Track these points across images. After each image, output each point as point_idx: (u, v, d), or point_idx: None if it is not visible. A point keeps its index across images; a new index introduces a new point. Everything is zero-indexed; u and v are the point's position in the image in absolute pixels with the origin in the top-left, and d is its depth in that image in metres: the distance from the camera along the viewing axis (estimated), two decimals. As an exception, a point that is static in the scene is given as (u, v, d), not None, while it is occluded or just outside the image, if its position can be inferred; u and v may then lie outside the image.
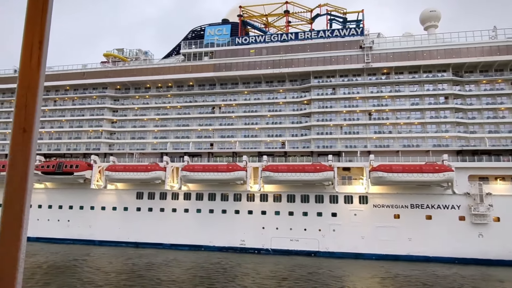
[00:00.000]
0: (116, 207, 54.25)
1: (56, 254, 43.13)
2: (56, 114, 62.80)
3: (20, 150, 1.53)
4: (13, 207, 1.51)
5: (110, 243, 52.60)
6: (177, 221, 51.58)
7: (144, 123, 59.73)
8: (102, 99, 61.51)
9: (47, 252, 44.33)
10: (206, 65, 56.68)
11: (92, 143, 59.87)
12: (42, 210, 56.23)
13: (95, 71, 61.56)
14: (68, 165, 53.23)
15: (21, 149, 1.53)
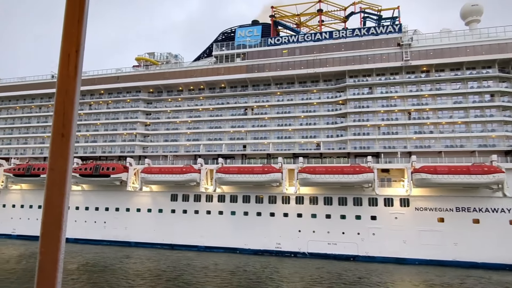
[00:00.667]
0: (151, 209, 54.68)
1: (98, 255, 43.70)
2: (91, 118, 64.17)
3: (59, 154, 1.58)
4: (53, 209, 1.55)
5: (146, 244, 53.05)
6: (212, 223, 51.41)
7: (177, 125, 60.07)
8: (136, 102, 62.36)
9: (91, 253, 45.01)
10: (239, 67, 56.42)
11: (127, 145, 60.73)
12: (80, 211, 57.38)
13: (128, 75, 62.52)
14: (105, 168, 54.10)
15: (60, 154, 1.58)
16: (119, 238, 54.56)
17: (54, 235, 1.56)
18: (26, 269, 34.79)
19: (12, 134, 67.66)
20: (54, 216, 1.57)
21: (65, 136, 1.60)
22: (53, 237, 1.56)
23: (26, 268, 35.80)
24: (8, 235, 59.87)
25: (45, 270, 1.54)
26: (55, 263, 1.55)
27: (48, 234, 1.56)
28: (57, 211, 1.57)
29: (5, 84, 70.42)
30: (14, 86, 69.30)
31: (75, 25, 1.64)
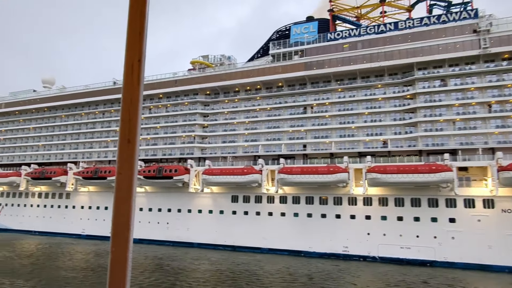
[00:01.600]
0: (212, 210, 54.83)
1: (167, 255, 44.29)
2: (151, 122, 65.94)
3: (126, 159, 1.67)
4: (122, 211, 1.64)
5: (208, 245, 53.20)
6: (274, 225, 50.37)
7: (234, 126, 59.86)
8: (193, 105, 63.11)
9: (162, 254, 45.82)
10: (297, 64, 54.99)
11: (186, 148, 61.57)
12: (143, 213, 58.99)
13: (186, 78, 63.47)
14: (167, 170, 55.12)
15: (126, 158, 1.67)
16: (181, 239, 55.29)
17: (123, 235, 1.63)
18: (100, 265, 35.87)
19: (79, 139, 71.40)
20: (123, 217, 1.64)
21: (131, 141, 1.68)
22: (122, 237, 1.63)
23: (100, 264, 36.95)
24: (78, 235, 63.05)
25: (116, 267, 1.62)
26: (125, 261, 1.63)
27: (118, 235, 1.63)
28: (126, 212, 1.65)
29: (71, 92, 74.59)
30: (79, 93, 73.19)
31: (137, 37, 1.71)
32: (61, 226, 65.15)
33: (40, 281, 29.49)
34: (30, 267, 35.11)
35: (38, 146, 75.58)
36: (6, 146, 78.85)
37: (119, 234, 1.65)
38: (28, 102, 78.51)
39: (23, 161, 75.31)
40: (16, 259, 40.06)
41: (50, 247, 49.99)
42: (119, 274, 1.63)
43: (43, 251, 46.97)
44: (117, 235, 1.65)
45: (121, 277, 1.63)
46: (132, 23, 1.74)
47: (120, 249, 1.65)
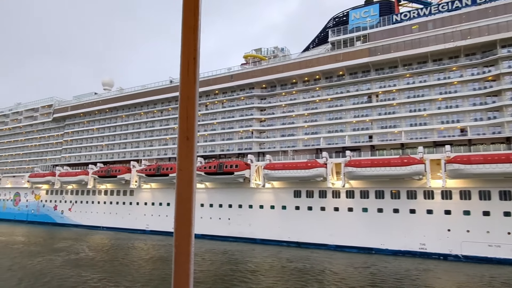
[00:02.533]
0: (274, 205, 53.58)
1: (240, 252, 43.74)
2: (208, 118, 66.04)
3: (185, 156, 1.72)
4: (184, 206, 1.70)
5: (271, 241, 52.08)
6: (341, 221, 48.01)
7: (293, 119, 58.02)
8: (250, 99, 62.16)
9: (232, 250, 45.46)
10: (359, 51, 51.80)
11: (244, 143, 60.84)
12: (204, 208, 59.24)
13: (241, 73, 62.63)
14: (228, 165, 54.70)
15: (186, 155, 1.72)
16: (244, 234, 54.70)
17: (185, 229, 1.69)
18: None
19: (139, 138, 73.58)
20: (185, 212, 1.69)
21: (189, 138, 1.73)
22: (185, 232, 1.69)
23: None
24: (143, 230, 64.95)
25: (180, 261, 1.68)
26: (188, 254, 1.69)
27: (181, 229, 1.69)
28: (187, 207, 1.70)
29: (130, 93, 76.98)
30: (138, 94, 75.31)
31: (191, 36, 1.76)
32: (126, 222, 67.57)
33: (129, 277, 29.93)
34: (116, 263, 36.07)
35: (102, 146, 79.13)
36: (73, 147, 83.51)
37: (181, 228, 1.68)
38: (91, 104, 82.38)
39: (89, 160, 79.27)
40: (98, 254, 41.53)
41: (122, 242, 51.63)
42: (183, 267, 1.68)
43: (119, 246, 48.53)
44: (180, 229, 1.69)
45: (185, 270, 1.68)
46: (186, 23, 1.77)
47: (183, 243, 1.68)
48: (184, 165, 1.71)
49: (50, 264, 33.23)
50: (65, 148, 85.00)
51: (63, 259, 35.84)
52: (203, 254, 41.98)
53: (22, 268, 31.28)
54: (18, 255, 38.29)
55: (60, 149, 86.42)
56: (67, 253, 40.07)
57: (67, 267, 31.99)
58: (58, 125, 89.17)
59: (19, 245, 46.91)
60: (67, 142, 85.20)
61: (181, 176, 1.71)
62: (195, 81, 1.76)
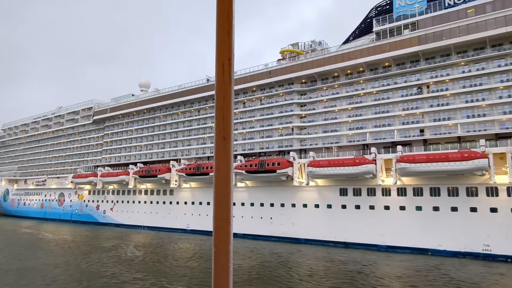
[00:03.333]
0: (318, 204, 51.59)
1: (289, 253, 42.24)
2: (246, 116, 64.94)
3: (223, 155, 1.74)
4: (222, 206, 1.72)
5: (316, 242, 50.18)
6: (392, 220, 45.30)
7: (336, 114, 55.73)
8: (289, 95, 60.42)
9: (271, 249, 44.09)
10: (408, 40, 48.74)
11: (284, 140, 59.21)
12: (245, 208, 58.16)
13: (279, 68, 60.93)
14: (270, 163, 53.26)
15: (223, 155, 1.74)
16: (287, 234, 53.11)
17: (224, 229, 1.71)
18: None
19: (177, 138, 73.71)
20: (223, 211, 1.71)
21: (226, 138, 1.75)
22: (224, 231, 1.70)
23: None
24: (184, 229, 64.84)
25: (220, 260, 1.70)
26: (227, 253, 1.71)
27: (220, 228, 1.70)
28: (225, 207, 1.71)
29: (167, 93, 77.30)
30: (174, 94, 75.47)
31: (226, 37, 1.78)
32: (166, 221, 67.78)
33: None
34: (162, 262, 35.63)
35: (141, 146, 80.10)
36: (113, 148, 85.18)
37: (220, 227, 1.70)
38: (129, 106, 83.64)
39: (128, 160, 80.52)
40: (147, 254, 41.38)
41: (165, 241, 51.51)
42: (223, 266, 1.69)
43: (164, 245, 48.38)
44: (219, 228, 1.70)
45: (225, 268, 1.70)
46: (220, 25, 1.78)
47: (223, 241, 1.70)
48: (222, 165, 1.73)
49: (103, 263, 33.14)
50: (105, 149, 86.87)
51: (115, 259, 35.76)
52: (250, 255, 40.76)
53: (78, 268, 31.30)
54: (71, 255, 38.71)
55: (100, 150, 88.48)
56: (116, 253, 40.13)
57: (120, 267, 31.73)
58: (98, 126, 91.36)
59: (69, 244, 47.77)
60: (107, 143, 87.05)
61: (219, 175, 1.73)
62: (230, 82, 1.77)
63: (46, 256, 38.06)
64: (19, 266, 31.91)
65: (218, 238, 1.72)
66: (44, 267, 31.59)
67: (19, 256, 37.54)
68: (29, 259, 35.34)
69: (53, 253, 39.71)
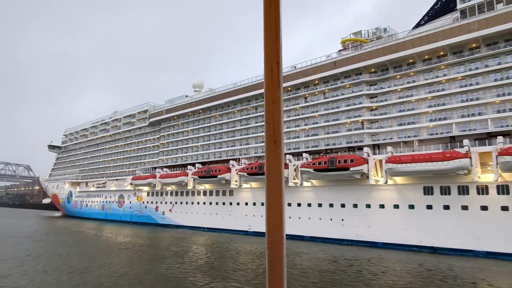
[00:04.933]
0: (398, 204, 46.58)
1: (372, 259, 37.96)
2: (308, 111, 61.21)
3: (273, 159, 1.73)
4: (274, 209, 1.71)
5: (397, 246, 45.20)
6: (492, 222, 39.29)
7: (413, 105, 50.32)
8: (357, 87, 55.82)
9: (347, 255, 39.96)
10: (503, 15, 42.36)
11: (353, 135, 54.69)
12: (312, 209, 54.47)
13: (346, 58, 56.47)
14: (341, 160, 49.11)
15: (274, 158, 1.73)
16: (362, 237, 48.59)
17: (277, 232, 1.70)
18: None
19: (234, 137, 71.62)
20: (276, 215, 1.70)
21: (276, 142, 1.73)
22: (277, 234, 1.70)
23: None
24: (245, 231, 62.35)
25: (274, 263, 1.70)
26: (281, 258, 1.70)
27: (273, 232, 1.70)
28: (278, 210, 1.70)
29: (222, 92, 75.58)
30: (229, 92, 73.51)
31: (274, 41, 1.77)
32: (227, 222, 65.77)
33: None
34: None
35: (197, 147, 79.13)
36: (170, 149, 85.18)
37: (273, 231, 1.70)
38: (184, 107, 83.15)
39: (185, 161, 79.88)
40: (223, 260, 39.11)
41: (232, 245, 49.17)
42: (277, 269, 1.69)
43: (233, 249, 46.04)
44: (272, 232, 1.70)
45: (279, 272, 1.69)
46: (268, 29, 1.78)
47: (276, 245, 1.69)
48: (273, 168, 1.73)
49: (183, 270, 31.06)
50: (162, 151, 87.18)
51: (194, 265, 33.65)
52: (327, 262, 36.91)
53: (159, 273, 29.40)
54: (145, 259, 37.30)
55: (157, 152, 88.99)
56: (191, 257, 38.19)
57: (202, 274, 29.41)
58: (154, 128, 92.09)
59: (141, 247, 46.87)
60: (164, 145, 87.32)
61: (270, 179, 1.72)
62: (279, 85, 1.76)
63: (128, 262, 36.95)
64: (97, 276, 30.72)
65: (272, 242, 1.70)
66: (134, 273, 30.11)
67: (97, 263, 36.72)
68: (111, 265, 34.25)
69: (131, 259, 38.56)
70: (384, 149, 49.70)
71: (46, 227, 79.39)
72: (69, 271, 29.63)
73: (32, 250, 41.21)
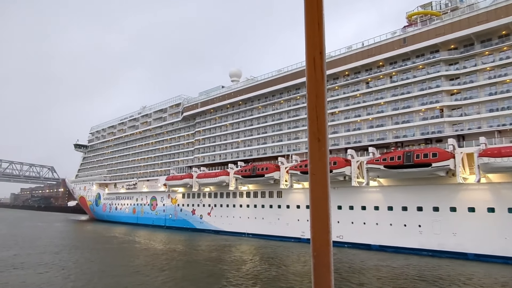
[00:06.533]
0: (493, 208, 40.93)
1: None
2: (371, 98, 56.23)
3: (318, 159, 1.70)
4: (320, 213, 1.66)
5: (492, 258, 39.61)
6: None
7: (508, 86, 44.28)
8: (433, 67, 50.28)
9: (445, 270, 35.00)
10: None
11: (430, 125, 49.25)
12: (380, 212, 49.74)
13: (419, 33, 50.83)
14: (420, 155, 43.96)
15: (318, 158, 1.70)
16: (446, 247, 43.39)
17: (323, 238, 1.65)
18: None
19: (281, 130, 67.67)
20: (321, 220, 1.66)
21: (321, 140, 1.70)
22: (323, 241, 1.64)
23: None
24: (298, 238, 58.38)
25: (320, 272, 1.64)
26: (328, 266, 1.65)
27: (318, 238, 1.65)
28: (323, 214, 1.65)
29: (265, 80, 71.58)
30: (275, 79, 69.43)
31: (316, 28, 1.72)
32: (275, 228, 62.03)
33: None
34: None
35: (237, 143, 75.89)
36: (206, 146, 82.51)
37: (319, 237, 1.65)
38: (222, 98, 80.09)
39: (224, 159, 76.88)
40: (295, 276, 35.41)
41: (289, 254, 45.33)
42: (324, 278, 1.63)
43: (293, 259, 42.23)
44: (317, 238, 1.65)
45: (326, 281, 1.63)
46: (309, 16, 1.72)
47: (322, 252, 1.64)
48: (317, 169, 1.68)
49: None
50: (198, 148, 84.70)
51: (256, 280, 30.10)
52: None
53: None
54: (208, 275, 34.21)
55: (192, 149, 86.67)
56: (250, 270, 34.72)
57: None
58: (188, 124, 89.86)
59: (194, 257, 44.06)
60: (199, 142, 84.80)
61: (315, 180, 1.67)
62: (323, 78, 1.71)
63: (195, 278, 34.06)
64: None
65: (317, 249, 1.64)
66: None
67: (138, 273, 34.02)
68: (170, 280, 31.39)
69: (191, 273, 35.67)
70: (471, 140, 44.12)
71: (78, 233, 79.05)
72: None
73: (77, 260, 39.28)
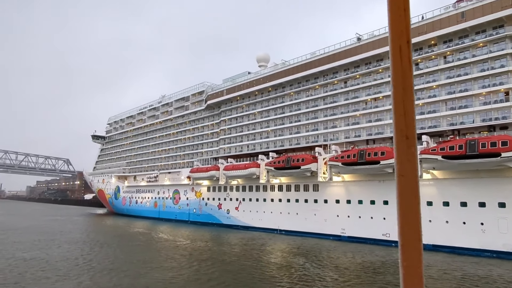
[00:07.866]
0: None
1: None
2: (421, 81, 52.40)
3: (406, 159, 1.61)
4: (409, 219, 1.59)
5: None
6: None
7: None
8: (497, 44, 46.19)
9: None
10: None
11: (493, 110, 45.41)
12: (434, 208, 46.43)
13: (481, 5, 46.65)
14: (486, 143, 40.31)
15: (406, 158, 1.61)
16: (510, 248, 39.89)
17: (414, 247, 1.58)
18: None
19: (316, 119, 64.64)
20: (411, 227, 1.58)
21: (409, 138, 1.62)
22: (414, 250, 1.58)
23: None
24: (337, 236, 55.61)
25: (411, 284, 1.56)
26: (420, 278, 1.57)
27: (408, 247, 1.58)
28: (414, 221, 1.59)
29: (298, 64, 68.42)
30: (309, 63, 66.29)
31: (402, 14, 1.62)
32: (311, 224, 59.36)
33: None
34: None
35: (267, 132, 73.23)
36: (233, 136, 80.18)
37: (409, 245, 1.58)
38: (249, 85, 77.39)
39: (252, 150, 74.47)
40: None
41: (339, 255, 42.65)
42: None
43: (344, 261, 39.56)
44: (407, 246, 1.58)
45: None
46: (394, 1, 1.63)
47: (413, 263, 1.57)
48: (406, 170, 1.59)
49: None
50: (223, 138, 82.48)
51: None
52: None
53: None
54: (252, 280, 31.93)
55: (217, 140, 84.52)
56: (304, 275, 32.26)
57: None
58: (212, 113, 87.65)
59: (236, 259, 41.95)
60: (225, 131, 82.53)
61: (403, 183, 1.59)
62: (410, 69, 1.64)
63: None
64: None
65: (408, 259, 1.56)
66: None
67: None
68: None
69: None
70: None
71: (100, 228, 78.37)
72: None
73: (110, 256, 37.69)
